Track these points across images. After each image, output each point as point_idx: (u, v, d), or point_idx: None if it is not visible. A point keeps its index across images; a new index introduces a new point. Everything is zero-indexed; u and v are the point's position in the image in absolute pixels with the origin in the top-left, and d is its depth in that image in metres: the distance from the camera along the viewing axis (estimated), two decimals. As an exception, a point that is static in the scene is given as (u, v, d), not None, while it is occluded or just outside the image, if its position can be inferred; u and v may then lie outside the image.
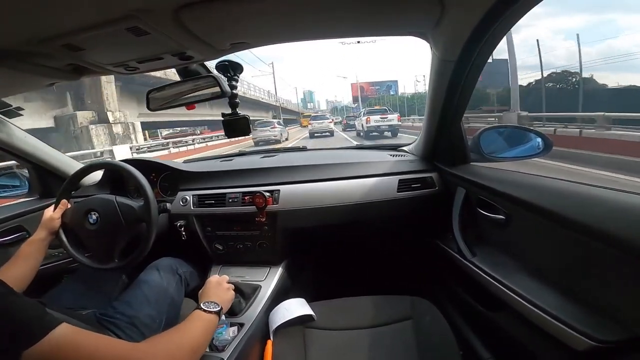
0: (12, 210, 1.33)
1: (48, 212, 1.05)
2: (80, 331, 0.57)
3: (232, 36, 0.77)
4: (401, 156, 1.43)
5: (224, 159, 1.65)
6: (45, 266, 1.07)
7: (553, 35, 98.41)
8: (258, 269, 1.32)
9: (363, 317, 1.08)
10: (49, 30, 0.61)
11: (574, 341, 0.64)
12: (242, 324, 1.02)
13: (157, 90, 1.02)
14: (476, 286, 0.97)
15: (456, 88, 1.00)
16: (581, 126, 7.57)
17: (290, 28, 0.78)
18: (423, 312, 1.07)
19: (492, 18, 0.70)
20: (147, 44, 0.69)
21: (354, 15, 0.73)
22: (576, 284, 0.70)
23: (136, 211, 1.07)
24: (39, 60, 0.74)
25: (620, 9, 77.15)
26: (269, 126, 16.76)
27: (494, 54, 1.00)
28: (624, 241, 0.56)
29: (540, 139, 1.10)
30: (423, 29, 0.83)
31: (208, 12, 0.61)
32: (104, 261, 1.07)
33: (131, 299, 0.98)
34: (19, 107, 1.18)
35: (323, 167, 1.34)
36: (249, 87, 30.18)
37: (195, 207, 1.31)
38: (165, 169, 1.43)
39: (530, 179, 0.92)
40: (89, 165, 1.20)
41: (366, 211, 1.27)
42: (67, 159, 1.47)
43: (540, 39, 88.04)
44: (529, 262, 0.85)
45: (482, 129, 1.19)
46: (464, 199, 1.11)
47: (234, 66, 0.94)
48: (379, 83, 64.42)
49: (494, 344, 1.04)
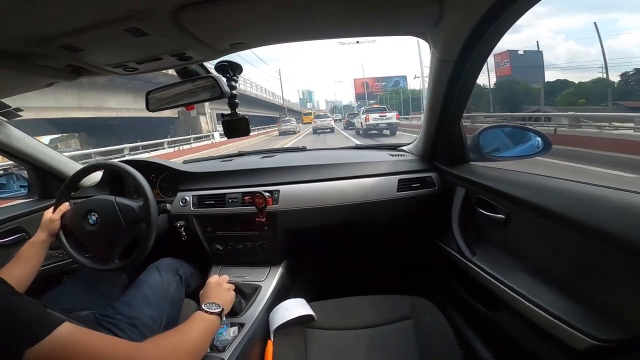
0: (11, 212, 1.32)
1: (48, 214, 1.05)
2: (82, 330, 0.57)
3: (231, 37, 0.77)
4: (401, 156, 1.43)
5: (223, 159, 1.64)
6: (45, 267, 1.07)
7: (554, 35, 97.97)
8: (258, 269, 1.32)
9: (363, 317, 1.08)
10: (47, 31, 0.61)
11: (574, 340, 0.64)
12: (243, 324, 1.02)
13: (157, 90, 1.02)
14: (476, 285, 0.97)
15: (455, 88, 1.00)
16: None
17: (288, 28, 0.78)
18: (423, 311, 1.07)
19: (491, 18, 0.70)
20: (146, 45, 0.69)
21: (353, 16, 0.73)
22: (576, 283, 0.70)
23: (136, 212, 1.07)
24: (37, 61, 0.74)
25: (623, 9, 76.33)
26: (289, 122, 25.11)
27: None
28: (623, 240, 0.56)
29: (540, 138, 1.10)
30: (422, 28, 0.83)
31: (207, 13, 0.61)
32: (103, 262, 1.07)
33: (131, 299, 0.97)
34: (17, 109, 1.17)
35: (323, 167, 1.34)
36: (261, 90, 34.72)
37: (195, 207, 1.31)
38: (165, 169, 1.43)
39: (529, 178, 0.92)
40: (88, 166, 1.20)
41: (366, 211, 1.27)
42: (66, 160, 1.47)
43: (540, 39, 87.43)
44: (528, 261, 0.85)
45: (481, 129, 1.19)
46: (464, 199, 1.11)
47: (233, 66, 0.94)
48: (385, 78, 59.91)
49: (494, 343, 1.04)
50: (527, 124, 8.72)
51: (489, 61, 20.37)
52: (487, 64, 14.81)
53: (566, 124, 8.14)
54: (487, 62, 0.98)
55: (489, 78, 19.14)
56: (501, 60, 28.51)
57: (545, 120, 10.08)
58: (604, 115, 9.84)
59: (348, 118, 24.94)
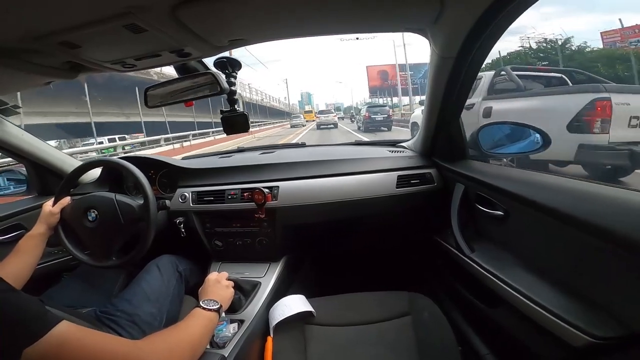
0: (10, 209, 1.32)
1: (47, 207, 1.04)
2: (80, 329, 0.57)
3: (230, 33, 0.76)
4: (400, 152, 1.43)
5: (222, 156, 1.64)
6: (44, 264, 1.07)
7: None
8: (257, 265, 1.32)
9: (362, 313, 1.09)
10: (43, 28, 0.60)
11: (571, 337, 0.64)
12: (242, 321, 1.02)
13: (155, 87, 1.01)
14: (474, 282, 0.98)
15: (455, 84, 1.00)
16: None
17: (288, 24, 0.78)
18: (422, 308, 1.07)
19: (492, 14, 0.70)
20: (144, 41, 0.69)
21: (352, 12, 0.72)
22: (573, 280, 0.71)
23: (135, 209, 1.07)
24: (34, 58, 0.73)
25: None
26: (298, 118, 31.88)
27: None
28: (621, 237, 0.56)
29: (539, 135, 1.10)
30: (422, 25, 0.83)
31: (205, 9, 0.60)
32: (103, 259, 1.07)
33: (131, 296, 0.98)
34: (15, 105, 1.17)
35: (322, 163, 1.34)
36: (271, 99, 41.69)
37: (195, 203, 1.31)
38: (164, 166, 1.42)
39: (528, 174, 0.92)
40: (87, 163, 1.20)
41: (365, 207, 1.27)
42: (65, 157, 1.46)
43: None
44: (526, 258, 0.85)
45: (481, 125, 1.19)
46: (463, 195, 1.11)
47: (232, 63, 0.94)
48: (414, 67, 37.16)
49: (492, 340, 1.05)
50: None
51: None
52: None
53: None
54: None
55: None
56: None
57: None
58: None
59: (369, 114, 25.01)
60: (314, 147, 1.85)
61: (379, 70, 43.28)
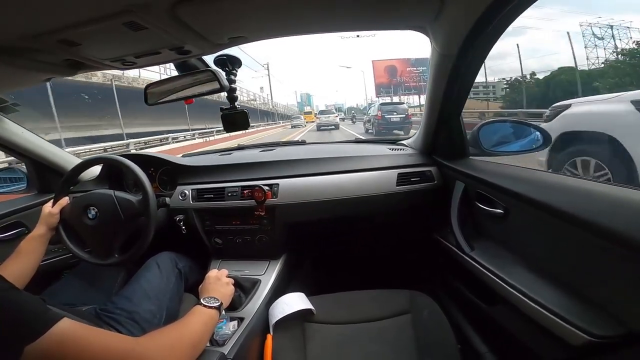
0: (10, 206, 1.32)
1: (47, 208, 1.05)
2: (81, 326, 0.57)
3: (230, 30, 0.76)
4: (400, 150, 1.43)
5: (222, 153, 1.64)
6: (45, 262, 1.07)
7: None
8: (257, 263, 1.32)
9: (362, 311, 1.09)
10: (43, 26, 0.60)
11: (570, 336, 0.64)
12: (242, 319, 1.02)
13: (155, 85, 1.01)
14: (474, 280, 0.98)
15: (456, 82, 1.00)
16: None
17: (288, 22, 0.77)
18: (421, 306, 1.08)
19: (493, 12, 0.69)
20: (144, 39, 0.69)
21: (353, 9, 0.72)
22: (573, 279, 0.71)
23: (135, 206, 1.07)
24: (34, 56, 0.73)
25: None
26: (299, 119, 31.08)
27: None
28: (621, 236, 0.56)
29: (539, 133, 1.10)
30: (422, 23, 0.83)
31: (206, 7, 0.60)
32: (103, 256, 1.07)
33: (131, 294, 0.98)
34: (15, 103, 1.17)
35: (322, 160, 1.34)
36: (276, 105, 42.00)
37: (195, 201, 1.31)
38: (164, 163, 1.42)
39: (528, 173, 0.92)
40: (87, 160, 1.20)
41: (365, 205, 1.27)
42: (65, 154, 1.46)
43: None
44: (526, 256, 0.85)
45: (481, 123, 1.19)
46: (463, 193, 1.11)
47: (232, 60, 0.93)
48: (424, 61, 31.70)
49: (492, 338, 1.05)
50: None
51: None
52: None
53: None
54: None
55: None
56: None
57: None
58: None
59: (382, 113, 22.44)
60: (314, 144, 1.85)
61: (387, 66, 38.34)
